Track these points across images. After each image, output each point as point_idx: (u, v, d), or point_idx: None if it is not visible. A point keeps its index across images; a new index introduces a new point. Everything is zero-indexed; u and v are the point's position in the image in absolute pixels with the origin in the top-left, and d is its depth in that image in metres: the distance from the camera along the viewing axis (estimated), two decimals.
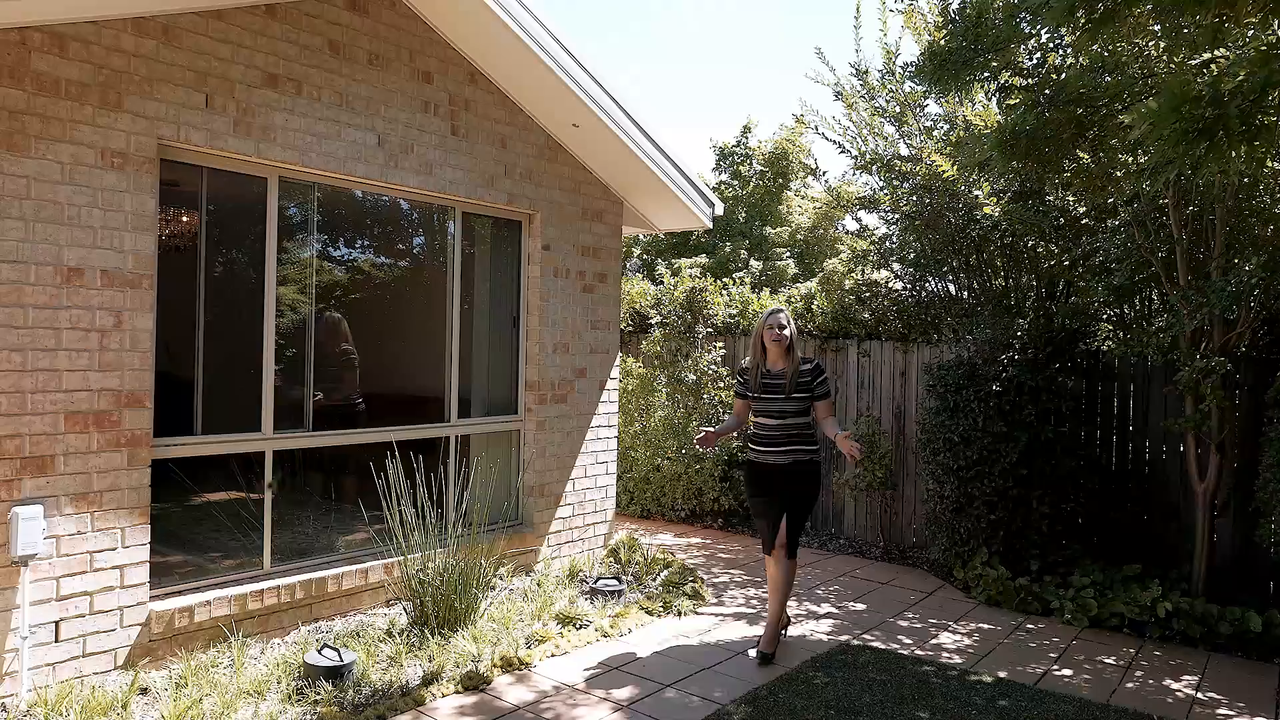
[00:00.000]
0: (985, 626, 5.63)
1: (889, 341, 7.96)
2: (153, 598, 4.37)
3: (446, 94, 5.67)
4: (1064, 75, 5.17)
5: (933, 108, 7.62)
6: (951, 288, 7.90)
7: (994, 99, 6.23)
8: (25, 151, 3.87)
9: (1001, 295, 7.23)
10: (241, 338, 4.85)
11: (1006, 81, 5.54)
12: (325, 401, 5.18)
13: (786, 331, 4.89)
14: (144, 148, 4.24)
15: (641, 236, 13.88)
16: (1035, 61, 5.58)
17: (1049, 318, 6.70)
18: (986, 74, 5.34)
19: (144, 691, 4.03)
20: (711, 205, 7.25)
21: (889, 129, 7.91)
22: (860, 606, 5.98)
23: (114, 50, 4.13)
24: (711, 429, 4.92)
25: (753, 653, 4.91)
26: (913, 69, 5.16)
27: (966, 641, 5.32)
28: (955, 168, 6.38)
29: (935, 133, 7.48)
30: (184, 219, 4.64)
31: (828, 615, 5.74)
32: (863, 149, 7.59)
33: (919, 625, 5.61)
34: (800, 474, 4.89)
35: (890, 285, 8.30)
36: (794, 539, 4.89)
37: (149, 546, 4.31)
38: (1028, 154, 5.06)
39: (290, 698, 4.02)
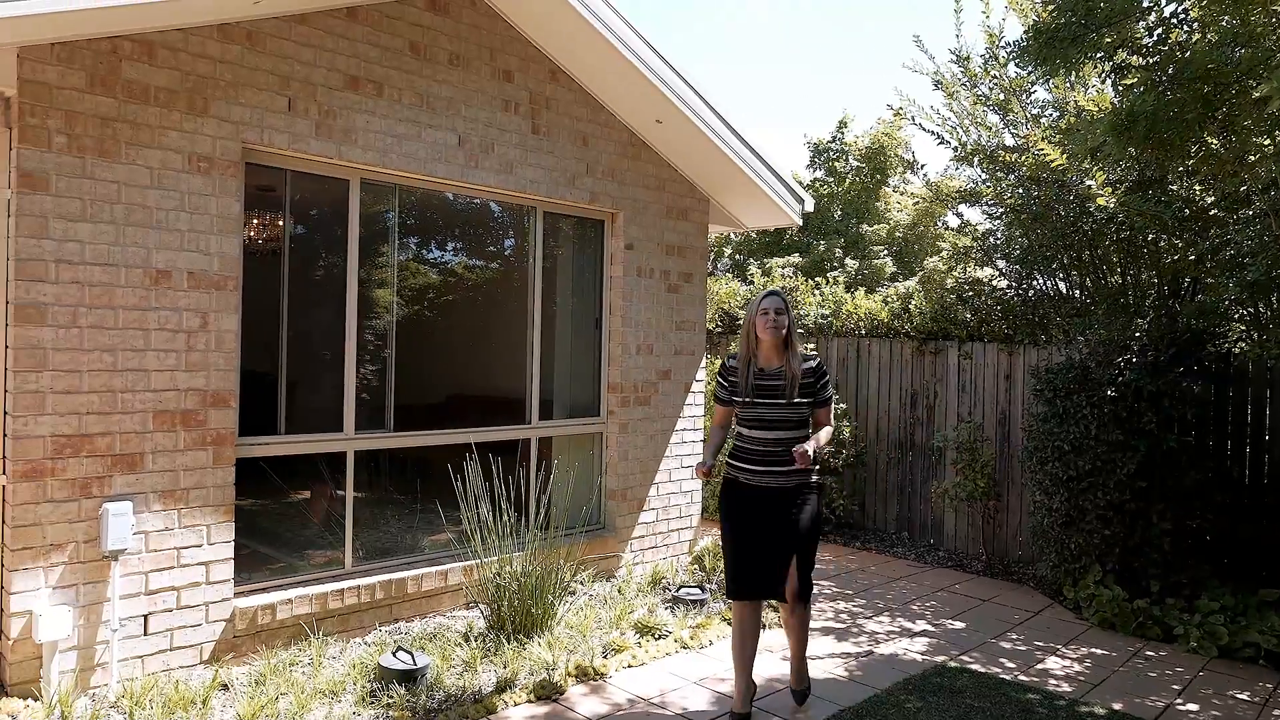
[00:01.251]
0: (1098, 652, 5.19)
1: (992, 343, 7.51)
2: (237, 594, 4.44)
3: (527, 92, 5.61)
4: (1189, 53, 4.71)
5: (1040, 93, 7.15)
6: (1061, 285, 7.40)
7: (1108, 80, 5.76)
8: (116, 157, 3.98)
9: (1118, 293, 6.70)
10: (324, 338, 4.90)
11: (1122, 61, 5.09)
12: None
13: (783, 317, 3.92)
14: (229, 152, 4.32)
15: (733, 236, 13.65)
16: (1155, 38, 5.11)
17: (1172, 317, 6.17)
18: (1100, 53, 4.92)
19: (225, 687, 4.08)
20: (801, 201, 6.99)
21: (993, 118, 7.47)
22: (959, 625, 5.61)
23: (200, 56, 4.21)
24: (703, 463, 3.94)
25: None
26: (1016, 50, 4.79)
27: (1077, 668, 4.91)
28: (1065, 156, 5.93)
29: (1043, 120, 7.01)
30: (268, 221, 4.71)
31: (923, 633, 5.41)
32: (963, 140, 7.18)
33: (1023, 647, 5.21)
34: (807, 497, 3.96)
35: (994, 283, 7.84)
36: (809, 579, 4.00)
37: (233, 544, 4.38)
38: (1146, 138, 4.64)
39: (364, 700, 4.00)
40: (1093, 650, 5.21)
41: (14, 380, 3.75)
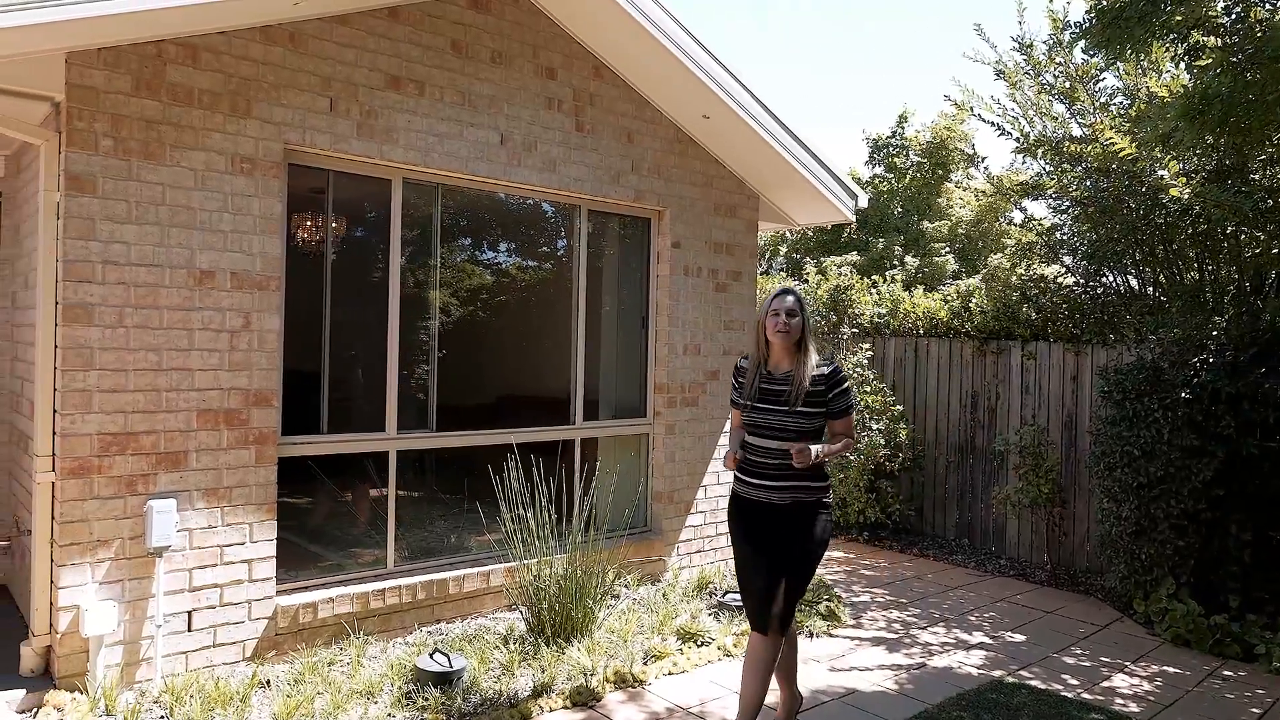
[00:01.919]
0: (1170, 670, 4.89)
1: (1058, 343, 7.19)
2: (279, 592, 4.46)
3: (571, 89, 5.55)
4: (1270, 31, 4.40)
5: (1110, 80, 6.82)
6: (1133, 282, 7.04)
7: (1181, 63, 5.43)
8: (160, 159, 4.03)
9: (1194, 289, 6.33)
10: (366, 338, 4.91)
11: (1197, 42, 4.79)
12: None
13: (796, 320, 3.54)
14: (271, 153, 4.35)
15: (788, 234, 13.43)
16: (1234, 18, 4.79)
17: (1254, 315, 5.80)
18: (1171, 33, 4.63)
19: (266, 685, 4.10)
20: (854, 197, 6.79)
21: (1058, 108, 7.15)
22: (1018, 637, 5.35)
23: (243, 59, 4.25)
24: (731, 450, 3.68)
25: None
26: (1078, 30, 4.54)
27: (1146, 686, 4.63)
28: (1134, 145, 5.61)
29: (1112, 108, 6.68)
30: (310, 221, 4.73)
31: (980, 646, 5.17)
32: (1024, 130, 6.88)
33: (1088, 664, 4.94)
34: (804, 519, 3.52)
35: (1060, 280, 7.50)
36: (791, 609, 3.53)
37: (275, 542, 4.41)
38: (1223, 123, 4.35)
39: (400, 701, 3.97)
40: (1164, 668, 4.91)
41: (62, 379, 3.82)
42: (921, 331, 8.20)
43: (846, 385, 3.61)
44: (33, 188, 4.43)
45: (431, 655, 4.23)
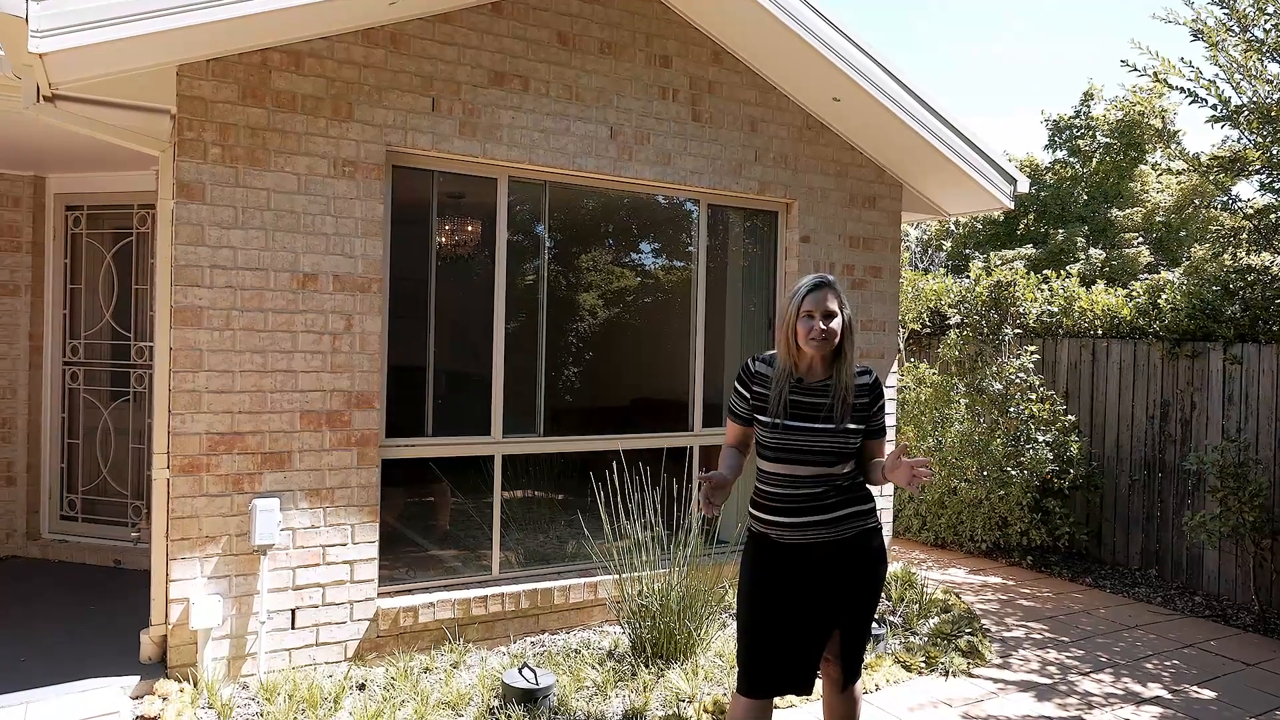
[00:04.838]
0: None
1: (1270, 344, 6.12)
2: (380, 594, 4.47)
3: (687, 77, 5.26)
4: None
5: None
6: None
7: None
8: (265, 165, 4.11)
9: None
10: (472, 340, 4.84)
11: None
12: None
13: (837, 322, 2.86)
14: (373, 155, 4.35)
15: (953, 228, 12.46)
16: None
17: None
18: None
19: (362, 687, 4.09)
20: (1012, 182, 6.07)
21: (1273, 68, 6.08)
22: (1207, 694, 4.53)
23: (345, 63, 4.27)
24: (711, 476, 2.82)
25: None
26: None
27: None
28: None
29: None
30: (413, 223, 4.71)
31: (1154, 701, 4.41)
32: (1223, 95, 5.89)
33: None
34: (866, 549, 2.95)
35: (1274, 271, 6.40)
36: (860, 658, 3.03)
37: (377, 544, 4.41)
38: None
39: (483, 717, 3.83)
40: None
41: (174, 379, 3.96)
42: (1100, 332, 7.27)
43: (885, 399, 3.02)
44: None
45: (520, 670, 4.07)
